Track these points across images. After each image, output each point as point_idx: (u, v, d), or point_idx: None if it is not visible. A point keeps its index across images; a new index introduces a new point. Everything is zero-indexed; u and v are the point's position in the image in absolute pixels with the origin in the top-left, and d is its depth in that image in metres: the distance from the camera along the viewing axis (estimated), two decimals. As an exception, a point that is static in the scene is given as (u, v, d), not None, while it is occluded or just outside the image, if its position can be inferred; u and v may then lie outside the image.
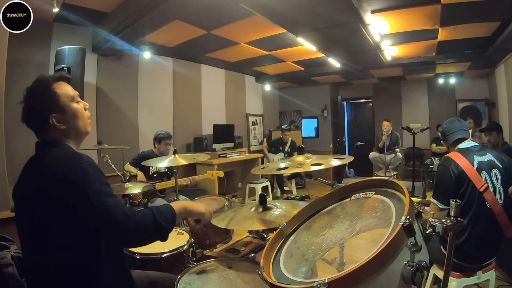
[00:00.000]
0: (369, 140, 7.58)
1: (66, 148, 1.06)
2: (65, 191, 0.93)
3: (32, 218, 0.99)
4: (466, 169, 1.68)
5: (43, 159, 1.02)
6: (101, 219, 0.93)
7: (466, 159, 1.71)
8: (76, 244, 0.97)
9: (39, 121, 1.05)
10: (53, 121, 1.04)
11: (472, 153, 1.75)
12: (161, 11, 2.83)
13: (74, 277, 0.98)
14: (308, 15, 3.34)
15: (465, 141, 1.87)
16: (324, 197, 1.27)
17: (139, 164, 3.22)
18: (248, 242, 2.11)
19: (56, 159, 1.00)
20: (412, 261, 0.78)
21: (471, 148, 1.81)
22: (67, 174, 0.95)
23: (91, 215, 0.93)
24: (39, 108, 1.04)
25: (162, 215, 1.02)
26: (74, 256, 0.97)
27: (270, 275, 0.95)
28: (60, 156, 1.01)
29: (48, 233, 0.97)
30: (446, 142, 1.96)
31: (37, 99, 1.04)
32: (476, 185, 1.65)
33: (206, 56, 5.19)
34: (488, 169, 1.71)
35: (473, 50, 4.71)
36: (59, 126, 1.05)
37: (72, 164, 0.97)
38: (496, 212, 1.64)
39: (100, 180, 0.98)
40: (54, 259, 0.97)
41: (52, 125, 1.04)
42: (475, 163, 1.70)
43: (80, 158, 1.00)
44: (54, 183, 0.95)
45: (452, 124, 1.93)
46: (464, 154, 1.75)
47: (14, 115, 2.78)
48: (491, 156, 1.76)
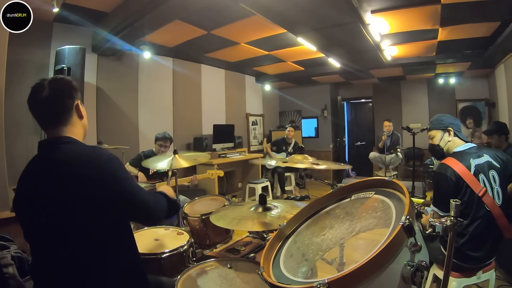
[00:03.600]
0: (369, 140, 7.58)
1: (80, 143, 1.08)
2: (93, 183, 0.96)
3: (50, 218, 0.97)
4: (463, 175, 1.66)
5: (57, 155, 1.00)
6: (132, 202, 1.03)
7: (463, 164, 1.69)
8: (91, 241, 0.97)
9: (67, 102, 1.08)
10: (78, 106, 1.11)
11: (468, 157, 1.73)
12: (161, 11, 2.83)
13: (86, 276, 0.97)
14: (308, 15, 3.34)
15: (460, 144, 1.84)
16: (324, 197, 1.27)
17: (139, 164, 3.23)
18: (248, 242, 2.11)
19: (76, 153, 1.01)
20: (412, 261, 0.78)
21: (467, 150, 1.79)
22: (93, 165, 0.98)
23: (121, 200, 1.00)
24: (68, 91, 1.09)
25: (166, 195, 1.21)
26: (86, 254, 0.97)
27: (270, 275, 0.95)
28: (80, 150, 1.03)
29: (67, 231, 0.96)
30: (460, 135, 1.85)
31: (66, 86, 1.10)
32: (474, 190, 1.64)
33: (206, 56, 5.19)
34: (485, 171, 1.70)
35: (473, 50, 4.70)
36: (82, 112, 1.13)
37: (95, 156, 1.01)
38: (495, 214, 1.64)
39: (123, 167, 1.08)
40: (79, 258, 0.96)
41: (78, 109, 1.11)
42: (472, 167, 1.68)
43: (101, 150, 1.05)
44: (78, 178, 0.96)
45: (457, 122, 1.91)
46: (460, 158, 1.73)
47: (14, 115, 2.79)
48: (488, 157, 1.75)
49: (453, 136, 1.87)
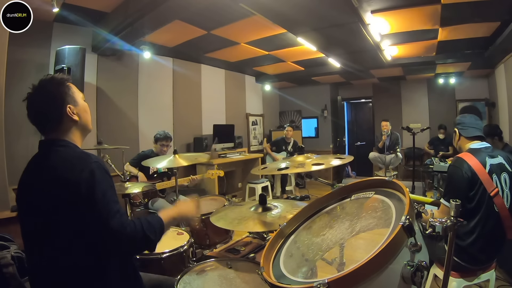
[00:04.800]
0: (369, 140, 7.57)
1: (74, 148, 1.07)
2: (71, 191, 0.93)
3: (36, 219, 0.99)
4: (479, 171, 1.64)
5: (49, 158, 1.01)
6: (99, 224, 0.94)
7: (478, 160, 1.67)
8: (80, 246, 0.96)
9: (56, 111, 1.06)
10: (69, 111, 1.07)
11: (484, 155, 1.70)
12: (161, 11, 2.83)
13: (78, 279, 0.97)
14: (308, 15, 3.34)
15: (476, 142, 1.82)
16: (324, 197, 1.27)
17: (139, 164, 3.22)
18: (248, 242, 2.11)
19: (63, 158, 1.00)
20: (412, 261, 0.78)
21: (483, 149, 1.76)
22: (75, 173, 0.95)
23: (92, 218, 0.94)
24: (57, 98, 1.07)
25: (152, 228, 1.02)
26: (78, 258, 0.96)
27: (270, 275, 0.95)
28: (68, 155, 1.02)
29: (53, 234, 0.96)
30: (465, 133, 1.85)
31: (54, 90, 1.07)
32: (487, 189, 1.62)
33: (206, 56, 5.19)
34: (498, 172, 1.68)
35: (473, 50, 4.70)
36: (73, 117, 1.09)
37: (80, 163, 0.98)
38: (503, 216, 1.62)
39: (106, 182, 0.98)
40: (58, 260, 0.96)
41: (68, 115, 1.07)
42: (487, 165, 1.66)
43: (89, 157, 1.01)
44: (60, 183, 0.95)
45: (477, 121, 1.88)
46: (476, 155, 1.70)
47: (14, 115, 2.79)
48: (501, 159, 1.73)
49: (459, 136, 1.88)
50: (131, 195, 2.60)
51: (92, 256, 0.97)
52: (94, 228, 0.94)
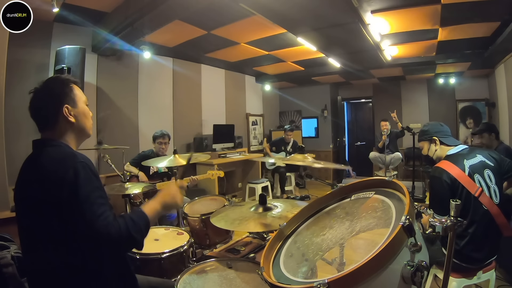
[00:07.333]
0: (369, 140, 7.57)
1: (64, 147, 1.06)
2: (56, 190, 0.93)
3: (30, 218, 0.99)
4: (458, 176, 1.66)
5: (39, 158, 1.02)
6: (84, 225, 0.92)
7: (457, 166, 1.70)
8: (72, 246, 0.96)
9: (52, 109, 1.07)
10: (65, 111, 1.08)
11: (462, 158, 1.74)
12: (161, 11, 2.83)
13: (74, 277, 0.97)
14: (308, 15, 3.34)
15: (451, 149, 1.85)
16: (324, 197, 1.27)
17: (139, 164, 3.22)
18: (248, 242, 2.11)
19: (51, 157, 1.00)
20: (412, 261, 0.78)
21: (460, 152, 1.80)
22: (59, 173, 0.94)
23: (77, 219, 0.92)
24: (55, 96, 1.08)
25: (137, 227, 0.98)
26: (70, 258, 0.96)
27: (270, 275, 0.95)
28: (56, 154, 1.01)
29: (45, 234, 0.96)
30: (447, 141, 1.89)
31: (55, 88, 1.10)
32: (470, 191, 1.64)
33: (206, 56, 5.19)
34: (480, 170, 1.70)
35: (473, 50, 4.70)
36: (69, 118, 1.09)
37: (65, 163, 0.97)
38: (493, 213, 1.64)
39: (91, 183, 0.96)
40: (53, 259, 0.96)
41: (64, 115, 1.08)
42: (466, 168, 1.69)
43: (75, 157, 0.99)
44: (46, 182, 0.95)
45: (443, 128, 1.93)
46: (454, 161, 1.73)
47: (14, 115, 2.79)
48: (481, 157, 1.75)
49: (440, 145, 1.90)
50: (131, 195, 2.60)
51: (85, 256, 0.97)
52: (80, 229, 0.93)
